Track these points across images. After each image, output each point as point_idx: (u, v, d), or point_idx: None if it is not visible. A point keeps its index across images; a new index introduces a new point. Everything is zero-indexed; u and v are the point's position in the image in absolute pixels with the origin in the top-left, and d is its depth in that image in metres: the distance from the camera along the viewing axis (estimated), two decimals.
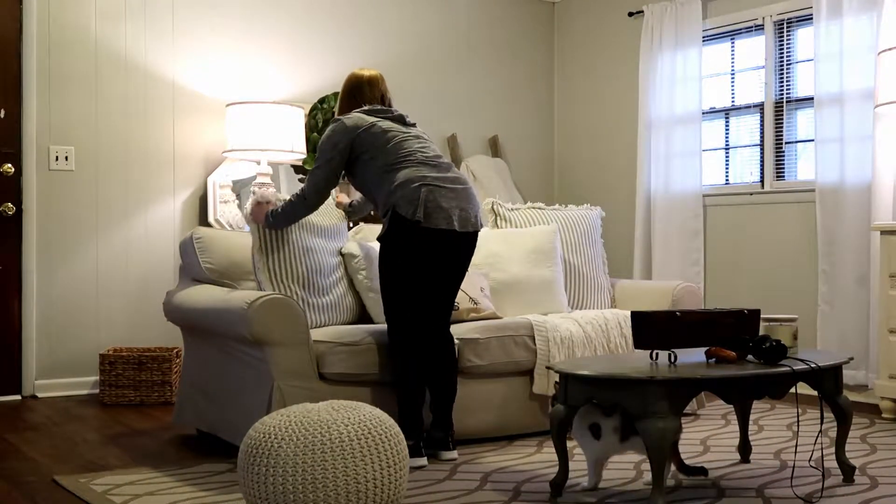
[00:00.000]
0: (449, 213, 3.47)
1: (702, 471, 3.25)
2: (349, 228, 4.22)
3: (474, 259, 3.90)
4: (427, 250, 3.48)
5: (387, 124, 3.61)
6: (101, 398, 4.87)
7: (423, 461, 3.50)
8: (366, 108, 3.67)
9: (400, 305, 3.53)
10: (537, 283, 4.35)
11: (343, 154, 3.56)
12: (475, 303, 4.11)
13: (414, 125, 3.73)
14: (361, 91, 3.74)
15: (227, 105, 5.26)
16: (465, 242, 3.57)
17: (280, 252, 3.73)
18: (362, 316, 4.00)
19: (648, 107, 6.02)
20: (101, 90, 5.22)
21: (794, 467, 3.40)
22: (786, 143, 5.50)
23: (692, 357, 3.14)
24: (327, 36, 5.94)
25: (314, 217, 3.83)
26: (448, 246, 3.52)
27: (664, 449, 2.79)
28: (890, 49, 4.47)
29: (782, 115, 5.49)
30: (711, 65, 5.89)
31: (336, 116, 3.68)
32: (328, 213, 3.98)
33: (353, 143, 3.56)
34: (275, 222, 3.68)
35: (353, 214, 4.06)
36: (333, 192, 3.91)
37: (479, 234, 3.67)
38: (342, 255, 3.98)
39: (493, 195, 5.70)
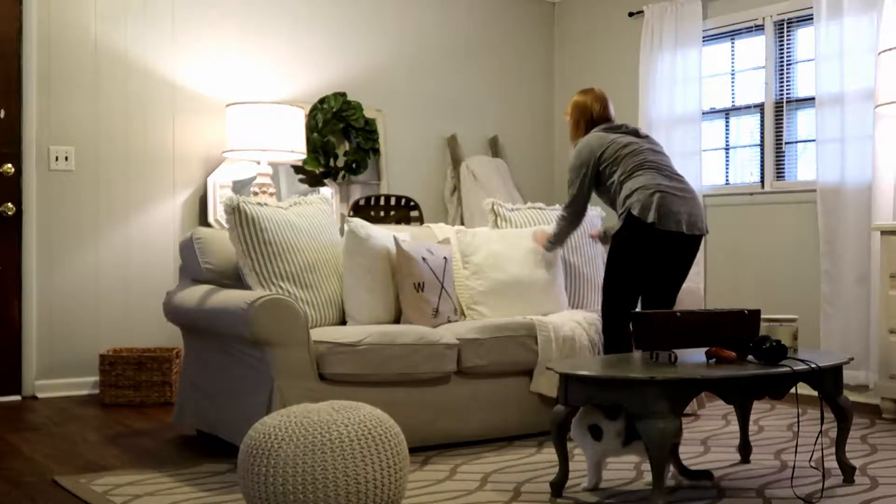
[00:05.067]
0: (678, 218, 3.86)
1: (706, 475, 3.23)
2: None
3: (483, 259, 4.35)
4: (657, 250, 3.90)
5: (624, 139, 4.04)
6: (101, 398, 4.87)
7: None
8: (603, 126, 4.13)
9: (620, 297, 3.96)
10: (537, 283, 4.35)
11: (591, 173, 4.04)
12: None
13: (647, 137, 4.14)
14: (594, 111, 4.18)
15: (227, 105, 5.26)
16: (691, 244, 3.98)
17: (261, 253, 3.77)
18: None
19: (648, 107, 6.02)
20: (101, 90, 5.22)
21: (794, 467, 3.40)
22: (786, 143, 5.50)
23: (692, 357, 3.15)
24: (327, 36, 5.94)
25: (292, 216, 3.93)
26: (676, 246, 3.93)
27: (664, 449, 2.79)
28: (890, 49, 4.47)
29: (782, 115, 5.49)
30: (711, 65, 5.89)
31: (576, 140, 4.17)
32: (307, 212, 4.03)
33: (598, 161, 4.02)
34: (555, 241, 4.33)
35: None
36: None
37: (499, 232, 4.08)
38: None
39: (493, 195, 5.70)
